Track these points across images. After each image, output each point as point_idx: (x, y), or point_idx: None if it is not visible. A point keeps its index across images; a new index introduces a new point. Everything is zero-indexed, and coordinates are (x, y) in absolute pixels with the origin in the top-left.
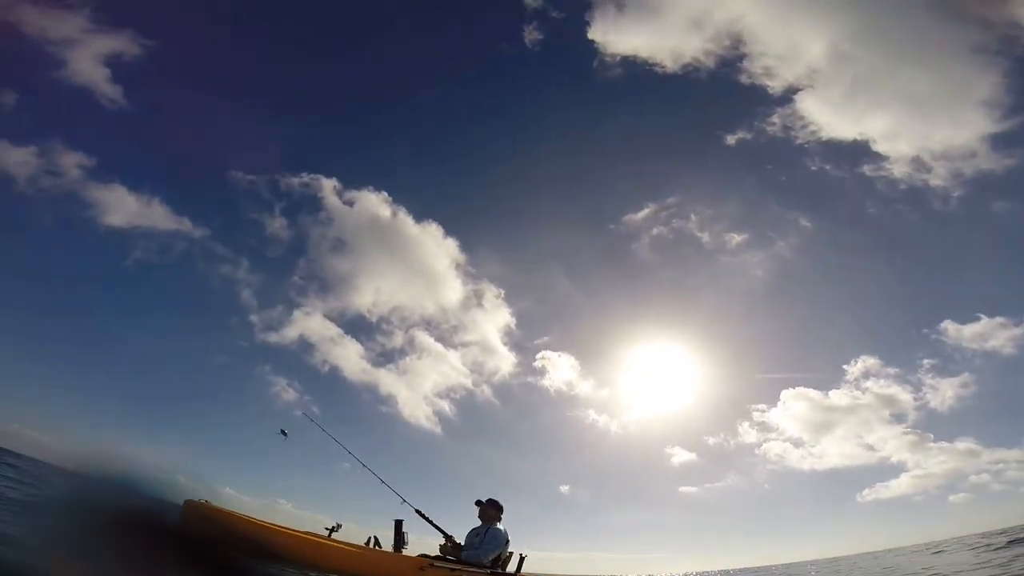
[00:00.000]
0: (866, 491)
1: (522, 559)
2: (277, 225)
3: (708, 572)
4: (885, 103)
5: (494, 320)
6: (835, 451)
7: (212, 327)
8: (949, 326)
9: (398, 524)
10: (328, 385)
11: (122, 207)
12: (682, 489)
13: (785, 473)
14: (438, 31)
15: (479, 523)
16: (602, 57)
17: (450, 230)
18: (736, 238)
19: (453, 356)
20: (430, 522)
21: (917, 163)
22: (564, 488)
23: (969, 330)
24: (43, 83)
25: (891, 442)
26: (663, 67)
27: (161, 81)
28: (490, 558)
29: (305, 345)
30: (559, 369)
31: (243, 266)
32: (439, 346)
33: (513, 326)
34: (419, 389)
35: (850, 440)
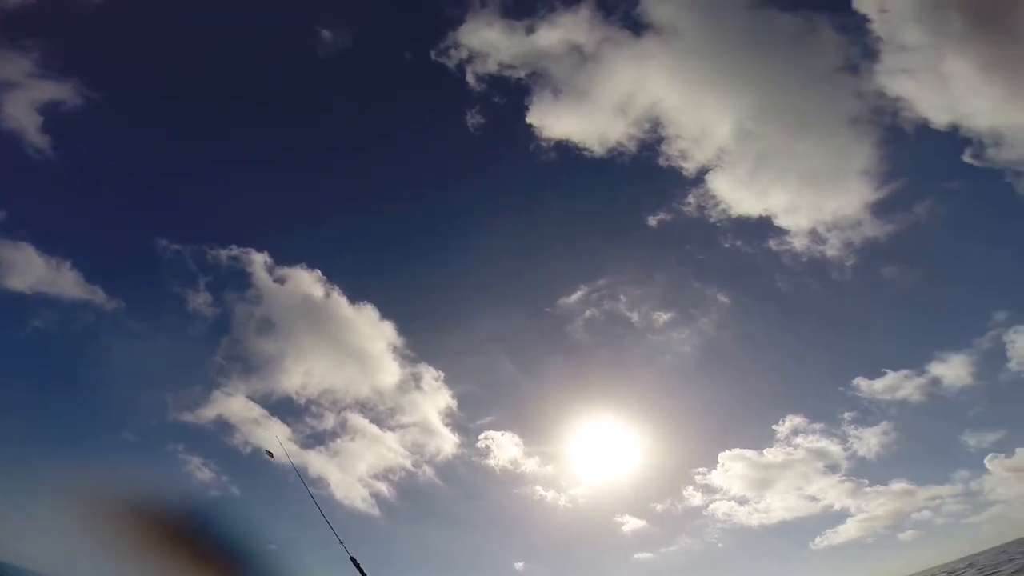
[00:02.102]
0: (818, 539)
1: None
2: (201, 301)
3: None
4: (784, 177)
5: (434, 402)
6: (780, 505)
7: (119, 404)
8: (861, 382)
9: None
10: (249, 466)
11: (28, 268)
12: (637, 556)
13: (736, 530)
14: (381, 111)
15: None
16: (538, 141)
17: (387, 312)
18: (663, 316)
19: (390, 438)
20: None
21: (814, 235)
22: (519, 565)
23: (879, 383)
24: None
25: (830, 491)
26: (592, 151)
27: (97, 136)
28: None
29: (224, 425)
30: (503, 448)
31: (159, 343)
32: (375, 428)
33: (455, 407)
34: (353, 471)
35: (791, 493)
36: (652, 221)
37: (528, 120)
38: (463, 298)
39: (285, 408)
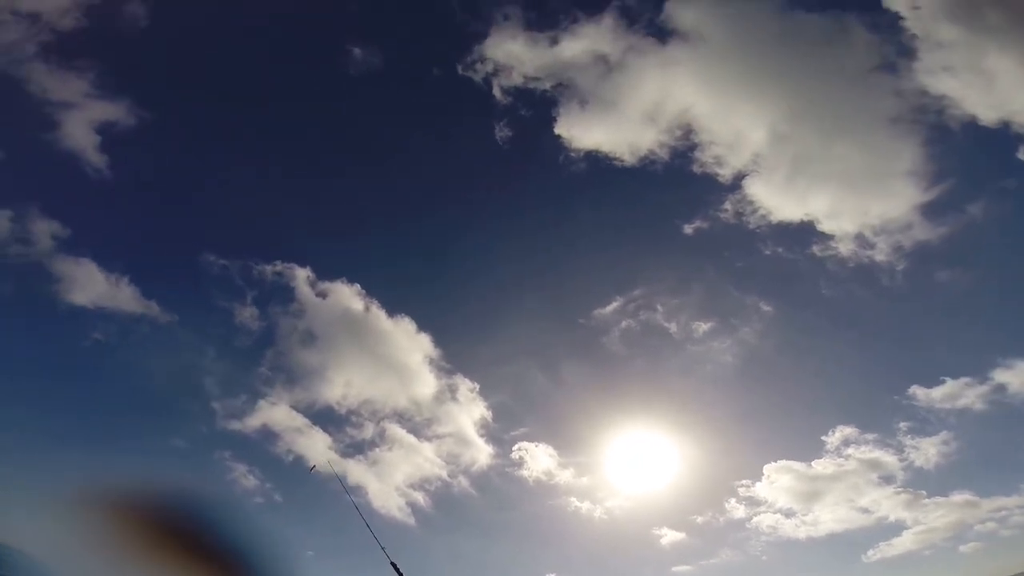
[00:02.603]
0: (871, 551)
1: None
2: (247, 315)
3: None
4: (824, 181)
5: (469, 413)
6: (829, 517)
7: (171, 412)
8: (917, 390)
9: None
10: (292, 474)
11: (89, 284)
12: (675, 569)
13: (781, 543)
14: (413, 126)
15: None
16: (567, 152)
17: (423, 325)
18: (702, 326)
19: (427, 448)
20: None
21: (860, 240)
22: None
23: (937, 392)
24: (32, 144)
25: (884, 503)
26: (622, 160)
27: (149, 155)
28: None
29: (268, 434)
30: (537, 459)
31: (208, 354)
32: (412, 438)
33: (489, 418)
34: (390, 480)
35: (842, 505)
36: (688, 229)
37: (556, 131)
38: (497, 310)
39: (326, 418)
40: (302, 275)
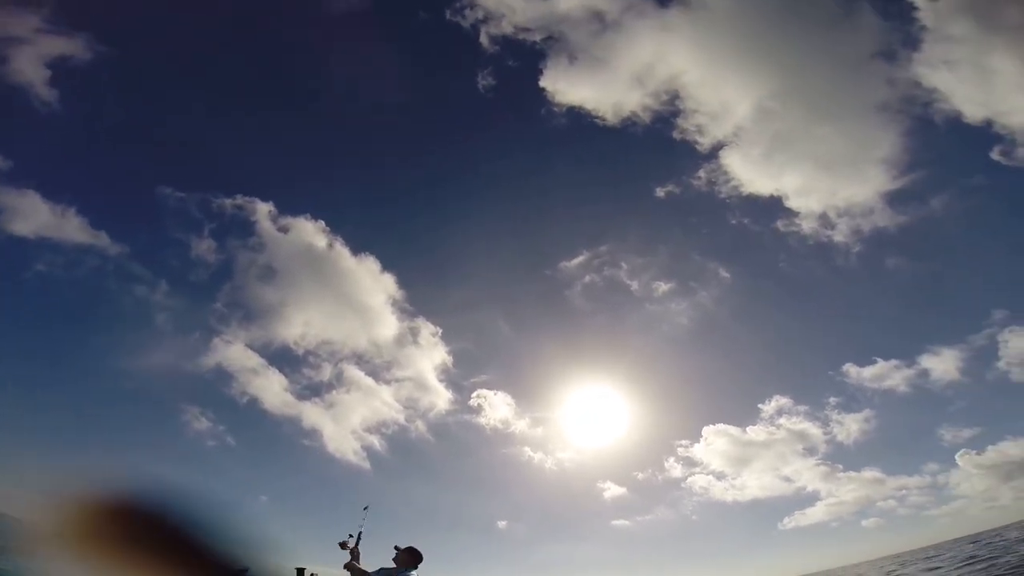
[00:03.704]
0: (787, 519)
1: None
2: (204, 247)
3: None
4: (799, 160)
5: (430, 357)
6: (755, 483)
7: (120, 349)
8: (851, 368)
9: (300, 572)
10: (246, 416)
11: (33, 215)
12: (615, 523)
13: (710, 505)
14: (392, 66)
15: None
16: (550, 106)
17: (388, 265)
18: (663, 287)
19: (385, 391)
20: (360, 526)
21: (823, 219)
22: (501, 523)
23: (868, 371)
24: None
25: (805, 473)
26: (604, 119)
27: (105, 89)
28: None
29: (223, 374)
30: (496, 407)
31: (161, 288)
32: (370, 380)
33: (450, 364)
34: (346, 423)
35: (768, 472)
36: (660, 192)
37: (541, 84)
38: (465, 256)
39: (283, 358)
40: (263, 209)
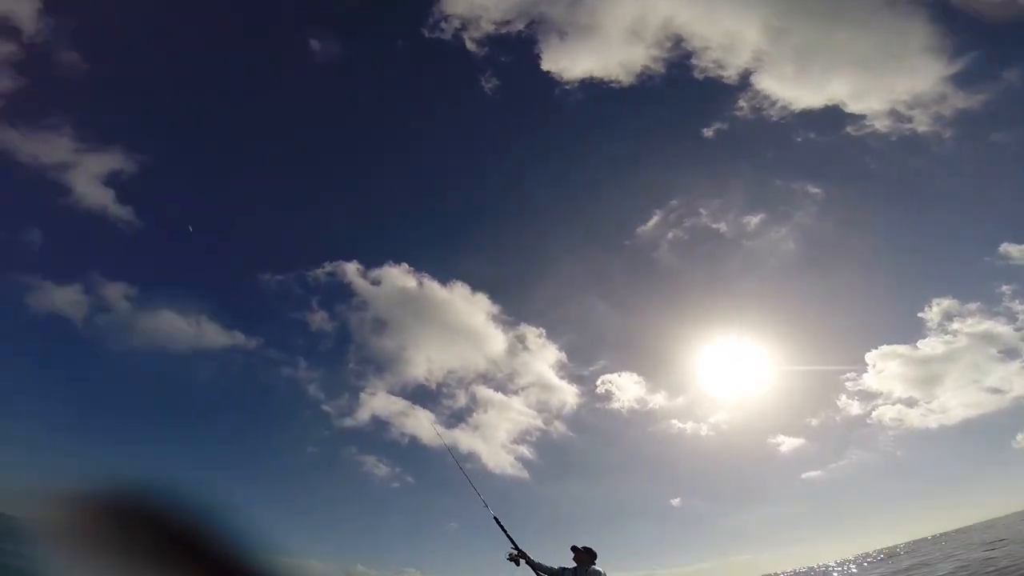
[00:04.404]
0: (1020, 435)
1: None
2: (319, 319)
3: (868, 554)
4: (837, 68)
5: (543, 358)
6: (957, 402)
7: (294, 425)
8: (1010, 248)
9: None
10: (412, 454)
11: (176, 331)
12: (804, 476)
13: (911, 436)
14: (400, 105)
15: (568, 563)
16: (561, 86)
17: (477, 285)
18: (753, 220)
19: (516, 402)
20: (504, 531)
21: (895, 116)
22: (675, 501)
23: None
24: (58, 212)
25: (1015, 380)
26: (619, 82)
27: (164, 193)
28: None
29: (379, 423)
30: (625, 389)
31: (301, 365)
32: (500, 395)
33: (564, 359)
34: (495, 440)
35: (968, 387)
36: (708, 133)
37: (544, 68)
38: (543, 254)
39: (421, 395)
40: (351, 268)
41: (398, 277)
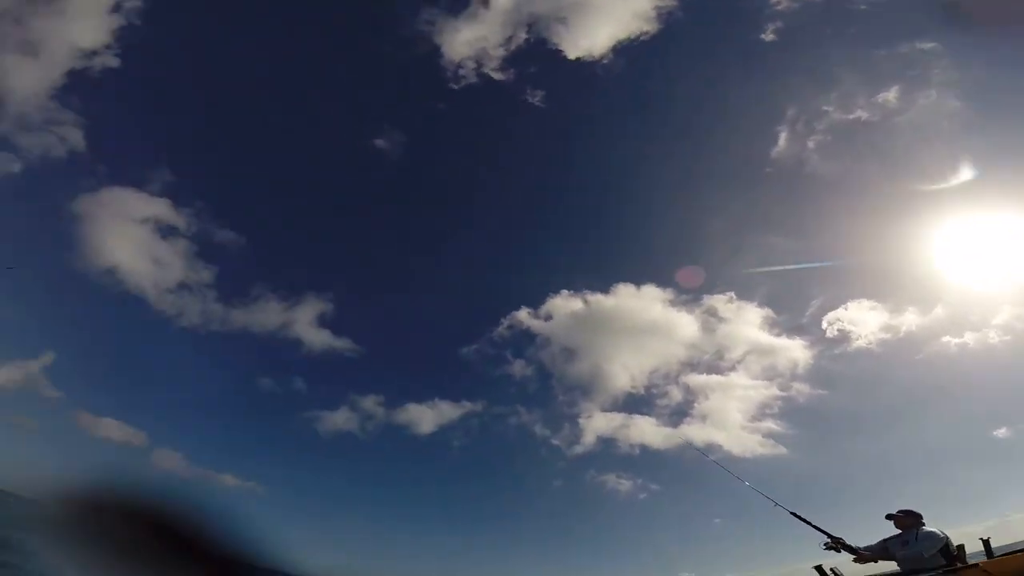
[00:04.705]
0: None
1: (987, 543)
2: (519, 368)
3: None
4: None
5: (747, 321)
6: None
7: (535, 465)
8: None
9: (819, 569)
10: (649, 461)
11: (422, 416)
12: None
13: None
14: (476, 154)
15: (890, 532)
16: (596, 65)
17: (637, 279)
18: (889, 95)
19: (736, 378)
20: (808, 523)
21: None
22: (999, 432)
23: None
24: (303, 359)
25: None
26: (646, 31)
27: (361, 318)
28: (931, 553)
29: (605, 441)
30: (860, 322)
31: (522, 412)
32: (716, 377)
33: (771, 314)
34: (730, 424)
35: None
36: (766, 36)
37: (572, 56)
38: (687, 221)
39: (635, 403)
40: (523, 315)
41: (563, 304)
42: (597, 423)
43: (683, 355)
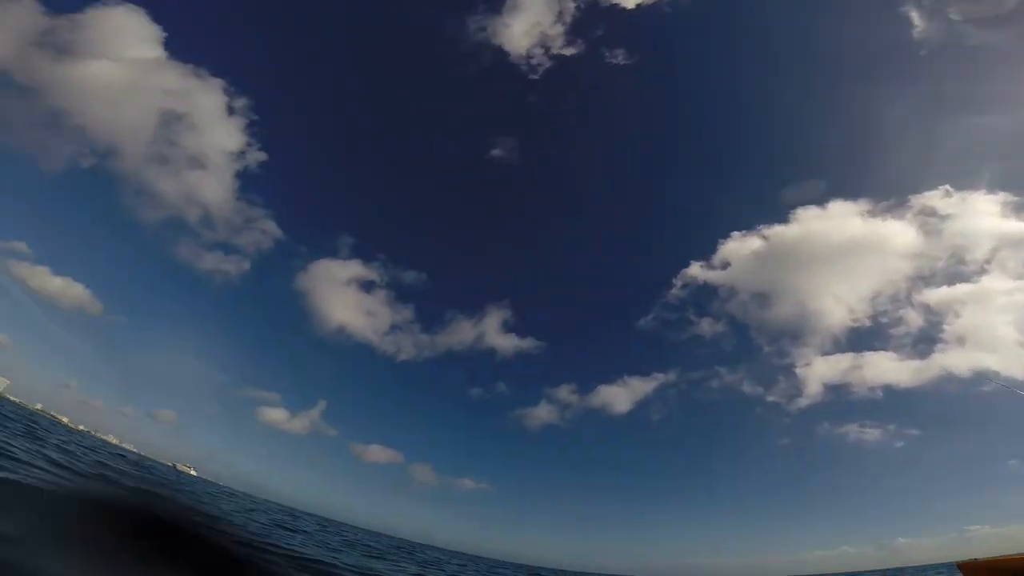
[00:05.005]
0: None
1: None
2: (706, 326)
3: None
4: None
5: (979, 212)
6: None
7: (752, 428)
8: None
9: None
10: (896, 404)
11: (617, 397)
12: None
13: None
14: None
15: None
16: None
17: (819, 199)
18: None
19: (992, 281)
20: None
21: None
22: None
23: None
24: (499, 364)
25: None
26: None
27: (539, 318)
28: None
29: (837, 389)
30: None
31: (723, 373)
32: (961, 288)
33: (1010, 197)
34: (998, 343)
35: None
36: None
37: (629, 6)
38: (852, 115)
39: (861, 338)
40: (695, 269)
41: (737, 247)
42: (819, 369)
43: (908, 269)
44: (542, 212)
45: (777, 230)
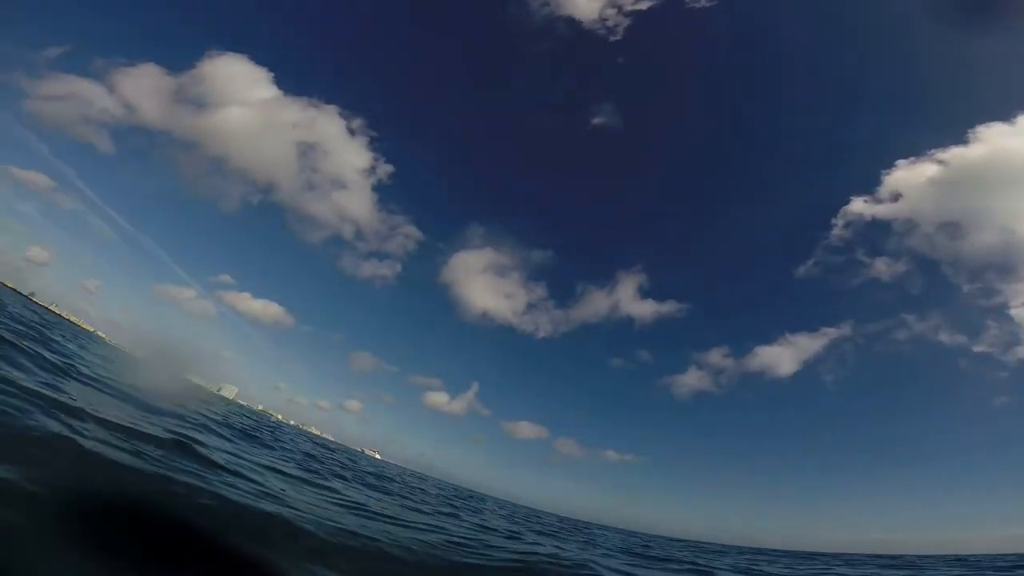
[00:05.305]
0: None
1: None
2: (883, 268)
3: None
4: None
5: None
6: None
7: (953, 383)
8: None
9: None
10: None
11: (780, 359)
12: None
13: None
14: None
15: None
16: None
17: (1004, 112)
18: None
19: None
20: None
21: None
22: None
23: None
24: (637, 335)
25: None
26: None
27: (676, 278)
28: None
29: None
30: None
31: (911, 321)
32: None
33: None
34: None
35: None
36: None
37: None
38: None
39: None
40: (858, 204)
41: (908, 176)
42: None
43: None
44: (660, 170)
45: (955, 153)
